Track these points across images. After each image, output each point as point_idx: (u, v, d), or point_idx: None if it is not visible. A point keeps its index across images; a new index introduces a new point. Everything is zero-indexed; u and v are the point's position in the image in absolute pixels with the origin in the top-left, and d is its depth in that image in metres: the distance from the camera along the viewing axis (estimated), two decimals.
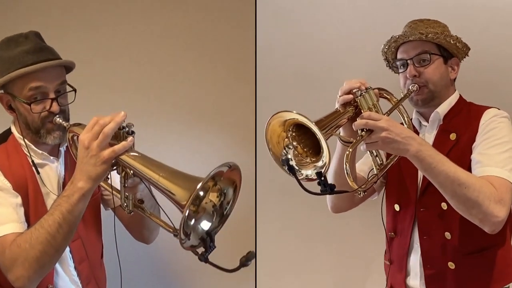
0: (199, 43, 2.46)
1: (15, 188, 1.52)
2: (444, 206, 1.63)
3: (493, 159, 1.54)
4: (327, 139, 1.36)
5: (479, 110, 1.68)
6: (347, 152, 1.46)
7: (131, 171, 1.38)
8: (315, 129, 1.33)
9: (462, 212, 1.50)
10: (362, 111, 1.51)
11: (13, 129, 1.61)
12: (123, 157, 1.36)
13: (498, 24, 2.06)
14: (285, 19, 2.42)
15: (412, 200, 1.72)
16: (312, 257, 2.42)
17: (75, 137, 1.51)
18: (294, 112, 1.36)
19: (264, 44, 2.44)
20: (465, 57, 1.77)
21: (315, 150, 1.42)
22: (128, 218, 1.71)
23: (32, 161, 1.56)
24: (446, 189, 1.48)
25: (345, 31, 2.32)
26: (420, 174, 1.70)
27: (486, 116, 1.64)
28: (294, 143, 1.44)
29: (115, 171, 1.43)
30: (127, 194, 1.43)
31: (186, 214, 1.21)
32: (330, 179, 1.71)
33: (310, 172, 1.42)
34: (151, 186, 1.38)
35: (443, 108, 1.71)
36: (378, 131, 1.43)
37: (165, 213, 1.45)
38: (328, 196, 1.83)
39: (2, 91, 1.57)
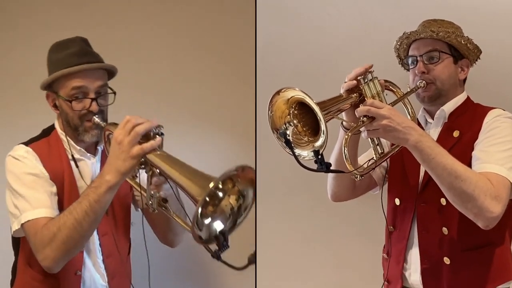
0: (199, 43, 2.46)
1: (52, 178, 1.65)
2: (443, 201, 1.64)
3: (493, 157, 1.55)
4: (327, 121, 1.39)
5: (484, 110, 1.70)
6: (346, 136, 1.50)
7: (157, 170, 1.47)
8: (315, 108, 1.37)
9: (458, 205, 1.51)
10: (365, 98, 1.54)
11: (56, 125, 1.74)
12: (150, 155, 1.46)
13: (503, 28, 2.07)
14: (285, 18, 2.42)
15: (412, 194, 1.73)
16: (312, 257, 2.42)
17: (110, 135, 1.60)
18: (298, 89, 1.41)
19: (264, 44, 2.44)
20: (477, 60, 1.78)
21: (314, 131, 1.45)
22: (154, 220, 1.81)
23: (72, 155, 1.69)
24: (443, 181, 1.49)
25: (345, 30, 2.32)
26: (422, 169, 1.71)
27: (490, 115, 1.66)
28: (295, 121, 1.48)
29: (144, 170, 1.53)
30: (152, 192, 1.52)
31: (199, 210, 1.28)
32: (332, 165, 1.74)
33: (306, 153, 1.46)
34: (174, 184, 1.47)
35: (449, 106, 1.73)
36: (379, 119, 1.46)
37: (186, 213, 1.54)
38: (329, 184, 1.84)
39: (49, 91, 1.71)
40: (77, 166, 1.69)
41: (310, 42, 2.38)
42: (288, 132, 1.48)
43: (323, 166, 1.41)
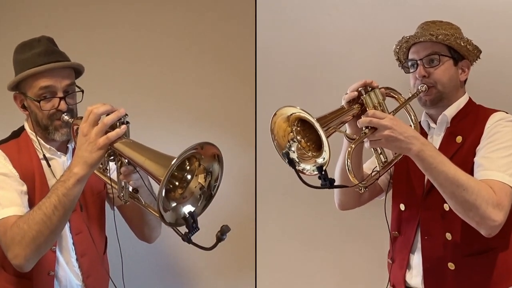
0: (199, 43, 2.46)
1: (22, 178, 1.63)
2: (446, 207, 1.64)
3: (495, 163, 1.55)
4: (329, 135, 1.40)
5: (486, 113, 1.69)
6: (349, 149, 1.50)
7: (126, 160, 1.47)
8: (316, 125, 1.37)
9: (460, 213, 1.51)
10: (367, 109, 1.54)
11: (26, 126, 1.73)
12: (116, 144, 1.44)
13: (505, 27, 2.07)
14: (285, 19, 2.42)
15: (417, 200, 1.73)
16: (312, 257, 2.42)
17: (78, 129, 1.58)
18: (298, 108, 1.41)
19: (264, 44, 2.44)
20: (476, 60, 1.78)
21: (318, 144, 1.46)
22: (130, 215, 1.81)
23: (44, 154, 1.68)
24: (445, 190, 1.49)
25: (345, 31, 2.32)
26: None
27: (492, 120, 1.65)
28: (298, 137, 1.49)
29: (113, 162, 1.52)
30: (123, 183, 1.52)
31: (163, 190, 1.28)
32: (336, 175, 1.76)
33: (309, 167, 1.47)
34: (142, 171, 1.46)
35: (451, 110, 1.72)
36: (381, 129, 1.46)
37: (157, 201, 1.49)
38: (335, 193, 1.85)
39: (17, 92, 1.69)
40: (49, 165, 1.68)
41: (310, 43, 2.38)
42: (293, 148, 1.49)
43: (326, 182, 1.41)
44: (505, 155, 1.56)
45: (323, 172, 1.41)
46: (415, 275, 1.73)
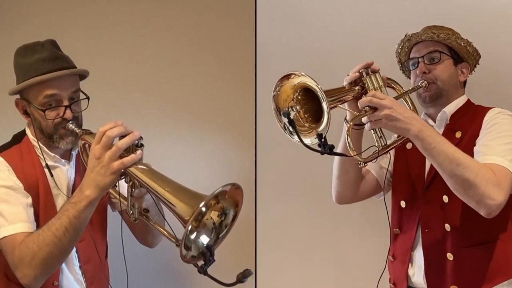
0: (199, 43, 2.46)
1: (26, 188, 1.58)
2: (445, 198, 1.66)
3: (494, 149, 1.57)
4: (330, 108, 1.41)
5: (484, 109, 1.73)
6: (348, 125, 1.52)
7: (138, 183, 1.43)
8: (318, 90, 1.38)
9: (459, 193, 1.52)
10: (368, 91, 1.57)
11: (28, 132, 1.67)
12: (131, 169, 1.41)
13: (505, 27, 2.07)
14: (285, 19, 2.42)
15: (417, 196, 1.75)
16: (312, 257, 2.42)
17: (86, 145, 1.55)
18: (304, 74, 1.43)
19: (264, 44, 2.44)
20: (476, 66, 1.82)
21: (316, 118, 1.47)
22: (133, 222, 1.75)
23: (46, 163, 1.62)
24: (445, 169, 1.50)
25: (345, 31, 2.32)
26: (426, 170, 1.73)
27: (491, 113, 1.69)
28: (298, 107, 1.50)
29: (123, 180, 1.49)
30: (133, 202, 1.50)
31: (189, 229, 1.26)
32: (335, 162, 1.78)
33: (309, 140, 1.47)
34: (156, 199, 1.42)
35: (451, 108, 1.76)
36: (381, 109, 1.49)
37: (169, 225, 1.51)
38: (333, 185, 1.85)
39: (18, 97, 1.64)
40: (52, 175, 1.63)
41: (310, 42, 2.38)
42: (290, 116, 1.49)
43: (326, 148, 1.42)
44: (504, 142, 1.58)
45: (322, 139, 1.41)
46: (417, 272, 1.74)
